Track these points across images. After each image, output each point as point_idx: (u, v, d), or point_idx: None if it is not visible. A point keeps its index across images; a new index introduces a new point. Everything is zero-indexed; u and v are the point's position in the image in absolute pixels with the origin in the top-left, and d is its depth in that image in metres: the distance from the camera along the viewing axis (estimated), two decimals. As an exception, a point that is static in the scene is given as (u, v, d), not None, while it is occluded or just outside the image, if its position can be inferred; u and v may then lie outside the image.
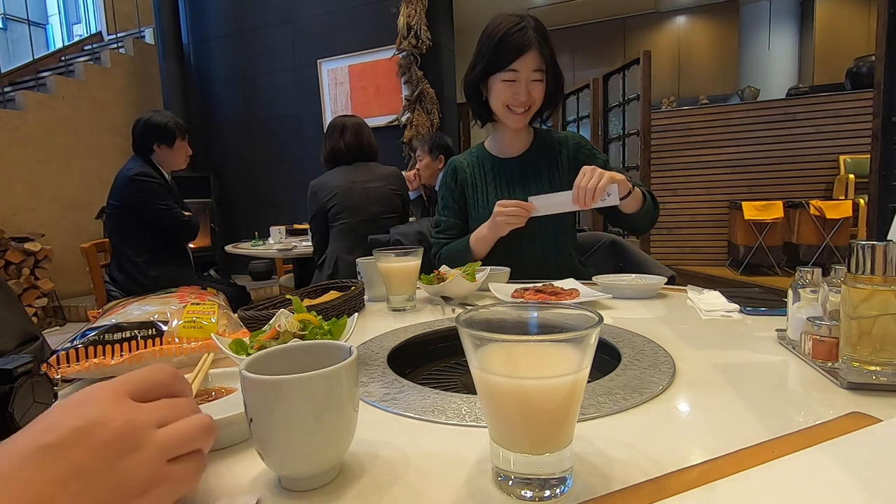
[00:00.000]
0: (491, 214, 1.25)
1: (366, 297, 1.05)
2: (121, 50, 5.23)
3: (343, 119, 2.22)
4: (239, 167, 5.03)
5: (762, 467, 0.35)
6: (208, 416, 0.34)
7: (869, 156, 1.97)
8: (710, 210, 4.81)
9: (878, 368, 0.50)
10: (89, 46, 6.06)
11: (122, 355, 0.63)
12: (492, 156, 1.37)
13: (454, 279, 0.97)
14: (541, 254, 1.29)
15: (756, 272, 4.33)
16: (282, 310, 0.69)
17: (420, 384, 0.57)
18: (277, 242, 3.11)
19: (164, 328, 0.67)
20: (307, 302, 0.84)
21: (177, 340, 0.66)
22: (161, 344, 0.65)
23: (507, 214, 1.16)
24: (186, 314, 0.70)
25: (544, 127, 1.40)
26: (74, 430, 0.27)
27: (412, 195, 2.76)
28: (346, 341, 0.60)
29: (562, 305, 0.39)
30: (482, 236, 1.25)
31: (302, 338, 0.61)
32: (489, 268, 1.06)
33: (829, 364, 0.56)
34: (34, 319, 3.72)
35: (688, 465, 0.37)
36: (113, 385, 0.31)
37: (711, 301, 0.89)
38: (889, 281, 0.48)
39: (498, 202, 1.19)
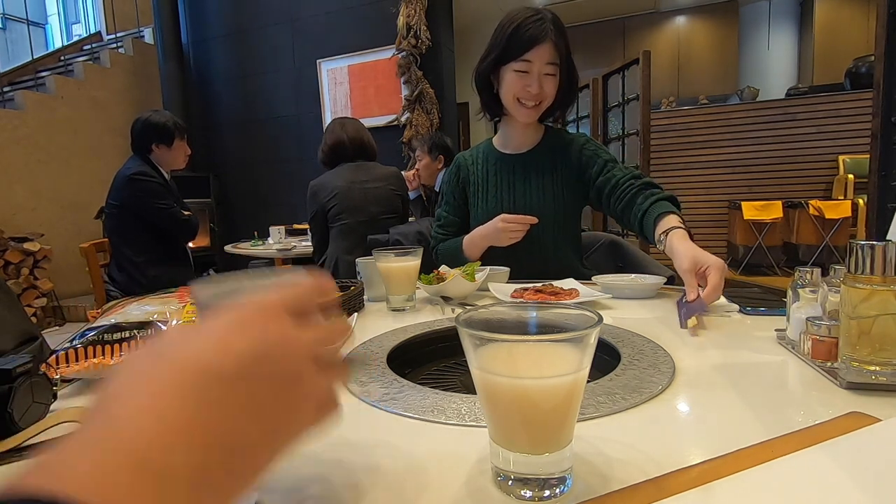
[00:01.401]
0: (489, 211, 1.24)
1: (365, 297, 1.05)
2: (120, 50, 5.22)
3: (342, 118, 2.24)
4: (239, 167, 5.02)
5: (761, 467, 0.35)
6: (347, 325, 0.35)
7: (868, 156, 1.97)
8: (709, 210, 4.81)
9: (877, 368, 0.50)
10: (88, 46, 6.04)
11: (121, 355, 0.63)
12: (497, 151, 1.35)
13: (454, 279, 0.97)
14: (541, 253, 1.29)
15: (755, 272, 4.34)
16: (281, 310, 0.68)
17: (420, 384, 0.57)
18: (277, 242, 3.11)
19: (164, 328, 0.67)
20: (307, 302, 0.84)
21: (176, 340, 0.66)
22: (160, 344, 0.65)
23: (512, 230, 1.18)
24: (186, 314, 0.70)
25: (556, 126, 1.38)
26: (252, 357, 0.25)
27: (412, 195, 2.76)
28: (345, 341, 0.60)
29: (561, 305, 0.39)
30: (474, 243, 1.26)
31: (301, 338, 0.61)
32: (489, 268, 1.06)
33: (829, 364, 0.56)
34: (33, 319, 3.71)
35: (687, 465, 0.37)
36: (272, 299, 0.28)
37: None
38: (888, 281, 0.48)
39: (501, 217, 1.20)
